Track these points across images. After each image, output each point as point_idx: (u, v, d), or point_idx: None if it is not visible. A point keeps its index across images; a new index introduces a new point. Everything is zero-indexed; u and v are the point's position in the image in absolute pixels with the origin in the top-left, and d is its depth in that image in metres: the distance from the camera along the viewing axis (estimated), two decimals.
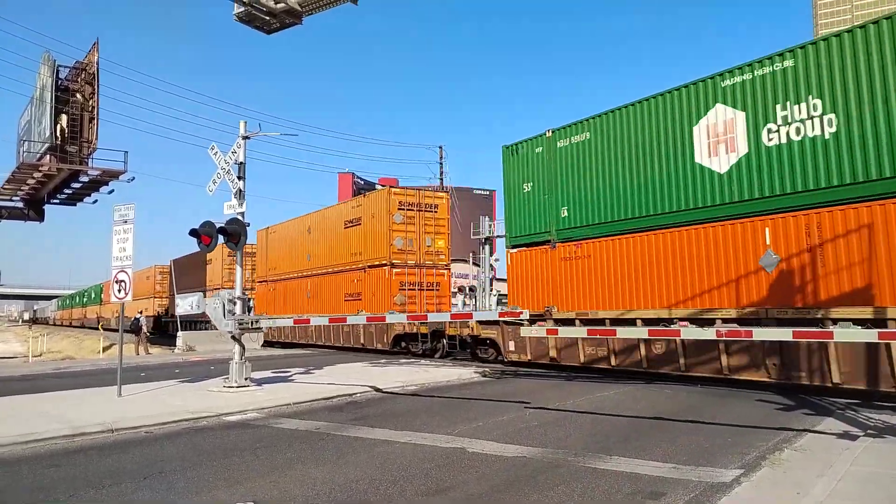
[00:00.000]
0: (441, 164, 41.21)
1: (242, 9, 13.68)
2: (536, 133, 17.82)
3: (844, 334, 7.90)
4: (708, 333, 9.07)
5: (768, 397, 11.67)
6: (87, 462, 7.57)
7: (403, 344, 23.28)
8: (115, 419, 9.67)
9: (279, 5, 12.83)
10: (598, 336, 14.50)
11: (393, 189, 25.75)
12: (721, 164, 13.32)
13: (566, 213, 16.63)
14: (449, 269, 25.66)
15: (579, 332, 15.08)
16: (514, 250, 18.31)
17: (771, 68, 12.66)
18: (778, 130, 12.44)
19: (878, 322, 10.61)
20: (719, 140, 13.38)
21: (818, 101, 11.91)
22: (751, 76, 12.96)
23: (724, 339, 10.75)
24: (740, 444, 7.82)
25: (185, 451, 8.05)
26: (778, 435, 8.30)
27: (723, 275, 13.17)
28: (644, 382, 14.07)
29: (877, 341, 8.99)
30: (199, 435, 9.16)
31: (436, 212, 24.88)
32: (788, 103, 12.32)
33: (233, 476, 6.76)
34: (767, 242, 12.46)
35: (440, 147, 42.24)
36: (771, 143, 12.53)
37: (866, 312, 10.89)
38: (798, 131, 12.17)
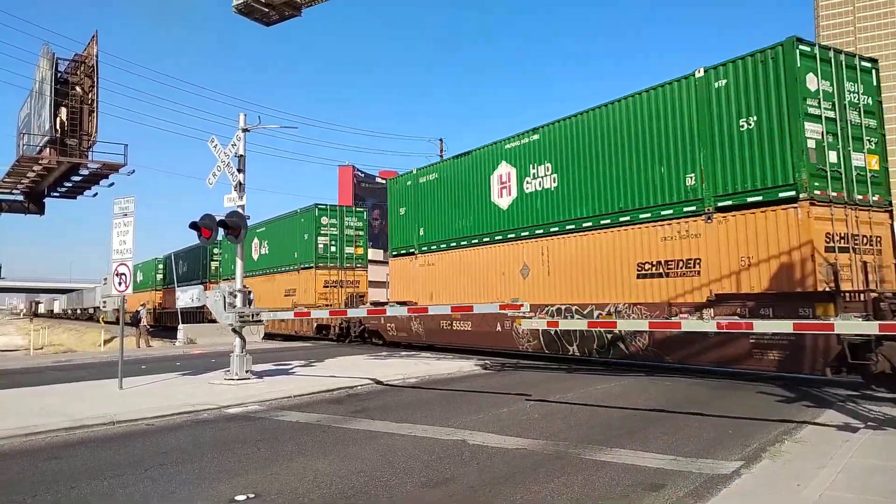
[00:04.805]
0: (441, 157, 41.01)
1: (241, 0, 13.62)
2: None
3: (846, 325, 7.90)
4: (709, 325, 9.07)
5: (769, 389, 11.68)
6: (88, 454, 7.58)
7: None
8: (116, 411, 9.69)
9: None
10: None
11: None
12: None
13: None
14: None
15: (580, 324, 15.12)
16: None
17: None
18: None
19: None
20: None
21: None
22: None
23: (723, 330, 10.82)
24: (741, 436, 7.83)
25: (186, 444, 8.07)
26: (778, 427, 8.31)
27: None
28: (645, 374, 14.09)
29: (878, 333, 9.00)
30: (200, 427, 9.18)
31: None
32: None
33: (234, 468, 6.77)
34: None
35: (440, 140, 42.05)
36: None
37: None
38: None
